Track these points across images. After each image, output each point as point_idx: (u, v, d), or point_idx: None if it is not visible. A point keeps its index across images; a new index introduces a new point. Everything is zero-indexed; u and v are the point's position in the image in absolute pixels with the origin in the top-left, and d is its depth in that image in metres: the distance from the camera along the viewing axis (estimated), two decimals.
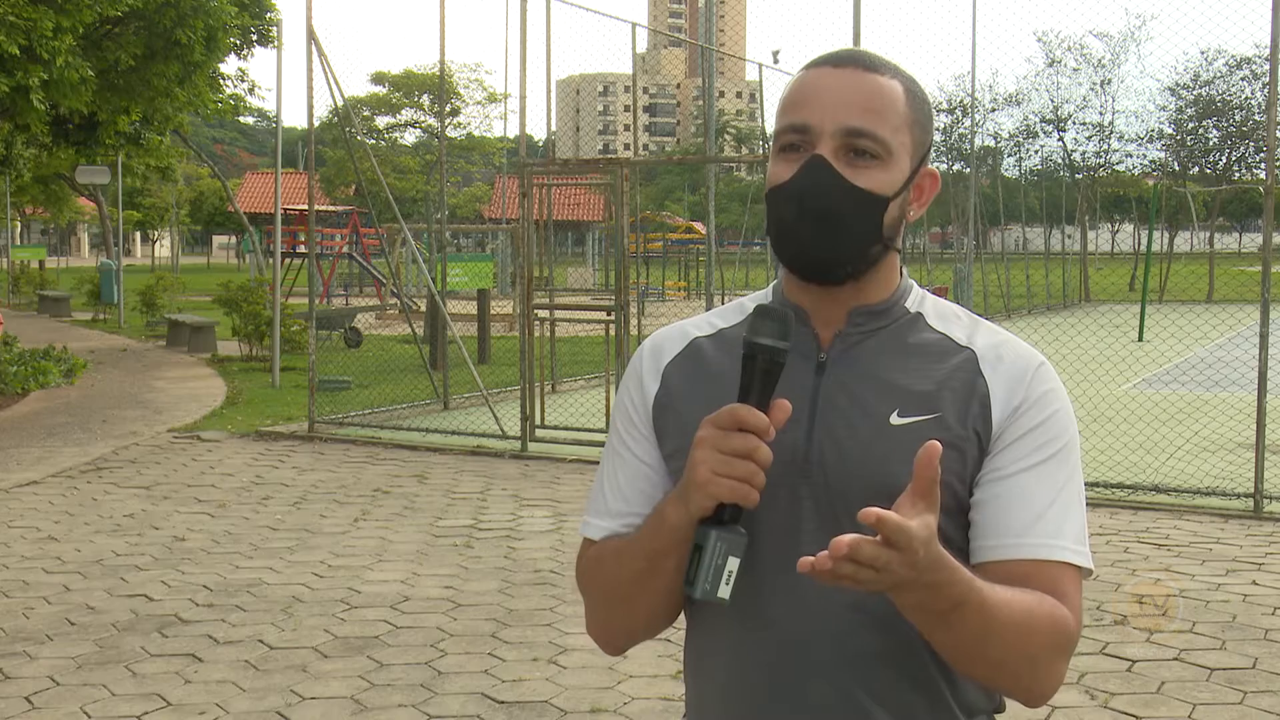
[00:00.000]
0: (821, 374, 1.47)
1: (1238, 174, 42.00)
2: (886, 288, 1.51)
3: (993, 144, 38.80)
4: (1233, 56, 38.80)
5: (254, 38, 17.54)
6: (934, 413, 1.44)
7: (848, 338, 1.49)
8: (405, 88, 48.39)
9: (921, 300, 1.54)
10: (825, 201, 1.42)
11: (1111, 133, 41.19)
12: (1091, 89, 39.87)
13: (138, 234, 77.57)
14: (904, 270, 1.55)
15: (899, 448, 1.41)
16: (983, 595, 1.31)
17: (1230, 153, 41.70)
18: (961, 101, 37.86)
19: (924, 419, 1.43)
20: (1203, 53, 39.63)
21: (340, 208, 32.91)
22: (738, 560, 1.32)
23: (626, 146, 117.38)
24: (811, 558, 1.22)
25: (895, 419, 1.43)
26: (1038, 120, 40.54)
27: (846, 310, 1.49)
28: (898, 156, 1.45)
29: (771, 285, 1.59)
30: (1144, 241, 37.74)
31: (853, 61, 1.46)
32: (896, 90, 1.46)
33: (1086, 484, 9.03)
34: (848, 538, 1.20)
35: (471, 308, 19.93)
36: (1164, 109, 41.37)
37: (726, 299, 17.12)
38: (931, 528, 1.23)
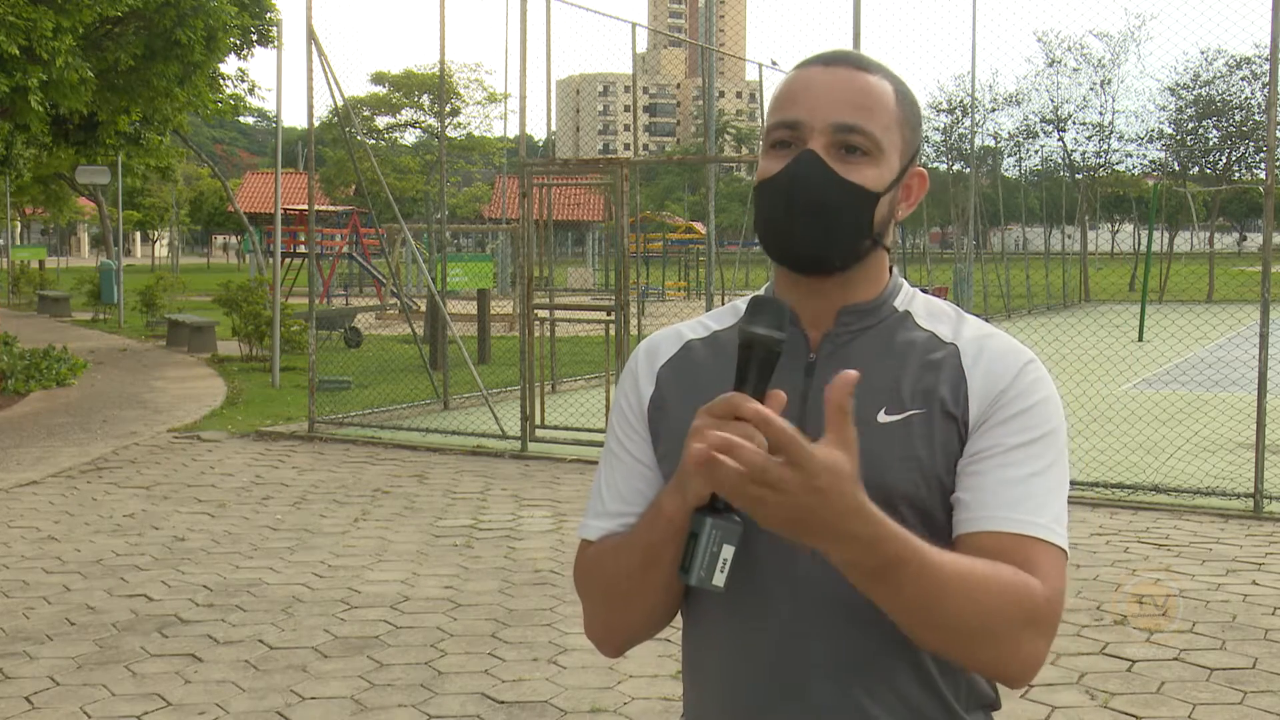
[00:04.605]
0: (811, 375, 1.48)
1: (1238, 174, 42.01)
2: (875, 286, 1.52)
3: (993, 144, 38.81)
4: (1233, 56, 38.85)
5: (254, 38, 17.53)
6: (919, 409, 1.44)
7: (836, 338, 1.49)
8: (405, 88, 48.38)
9: (911, 299, 1.54)
10: (815, 195, 1.43)
11: (1111, 133, 41.21)
12: (1091, 89, 39.90)
13: (138, 234, 77.60)
14: (894, 269, 1.55)
15: (886, 446, 1.42)
16: (926, 556, 1.29)
17: (1230, 153, 41.71)
18: (961, 101, 37.88)
19: (910, 414, 1.44)
20: (1203, 53, 39.68)
21: (340, 208, 32.91)
22: (733, 548, 1.33)
23: (626, 146, 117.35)
24: (696, 451, 1.20)
25: (882, 417, 1.44)
26: (1038, 120, 40.56)
27: (835, 310, 1.50)
28: (888, 154, 1.46)
29: (764, 287, 1.59)
30: (1144, 241, 37.74)
31: (844, 61, 1.48)
32: (887, 90, 1.47)
33: (1087, 484, 9.05)
34: (732, 438, 1.20)
35: (471, 308, 19.93)
36: (1164, 109, 41.43)
37: (726, 299, 17.13)
38: (842, 465, 1.21)
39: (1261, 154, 39.33)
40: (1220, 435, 10.88)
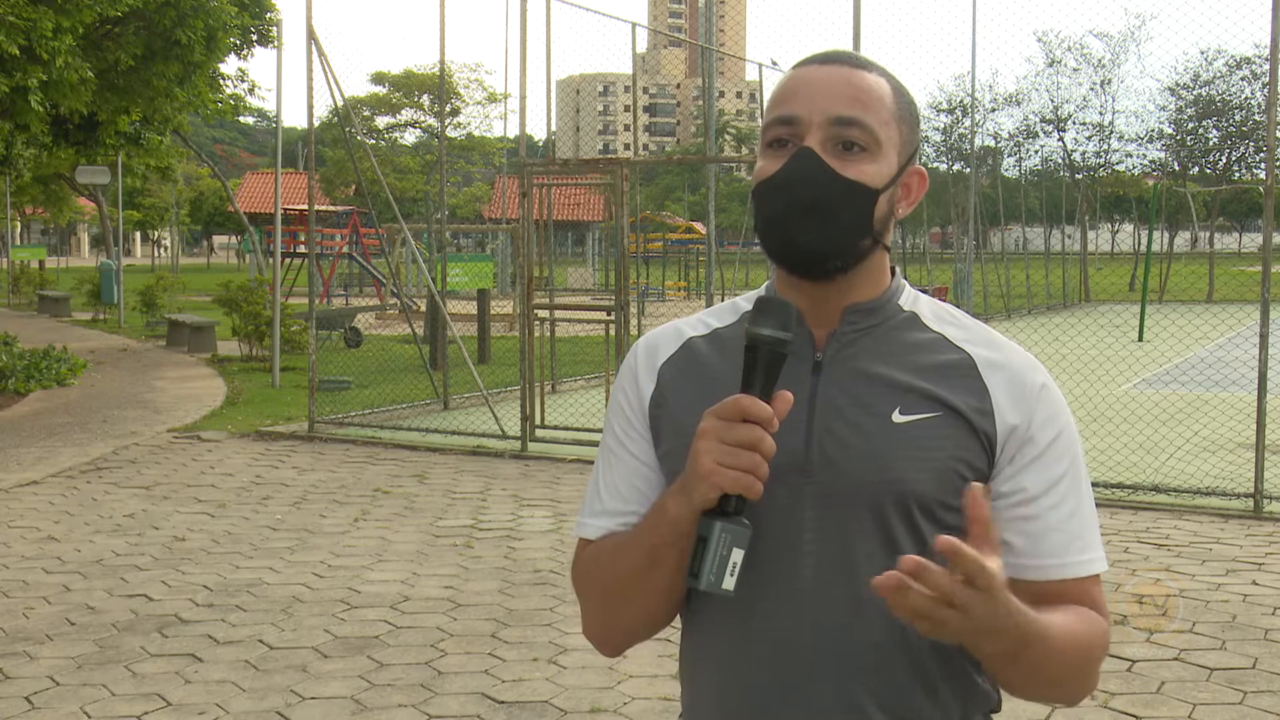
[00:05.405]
0: (818, 374, 1.47)
1: (1238, 174, 42.03)
2: (877, 285, 1.51)
3: (993, 144, 38.82)
4: (1233, 56, 38.89)
5: (254, 38, 17.51)
6: (935, 411, 1.44)
7: (843, 336, 1.48)
8: (405, 88, 48.34)
9: (915, 300, 1.54)
10: (813, 193, 1.42)
11: (1111, 133, 41.22)
12: (1091, 89, 39.91)
13: (138, 234, 77.60)
14: (896, 269, 1.55)
15: (903, 445, 1.42)
16: (1047, 629, 1.35)
17: (1230, 153, 41.73)
18: (961, 101, 37.89)
19: (927, 416, 1.43)
20: (1202, 53, 39.73)
21: (340, 208, 32.91)
22: (742, 552, 1.32)
23: (626, 146, 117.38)
24: (884, 576, 1.21)
25: (897, 416, 1.43)
26: (1038, 120, 40.57)
27: (839, 309, 1.49)
28: (886, 150, 1.45)
29: (764, 285, 1.58)
30: (1144, 241, 37.74)
31: (840, 60, 1.48)
32: (884, 86, 1.47)
33: None
34: (913, 559, 1.21)
35: (471, 308, 19.93)
36: (1164, 109, 41.45)
37: (726, 299, 17.13)
38: (1000, 573, 1.25)
39: (1261, 154, 39.35)
40: (1220, 435, 10.88)
